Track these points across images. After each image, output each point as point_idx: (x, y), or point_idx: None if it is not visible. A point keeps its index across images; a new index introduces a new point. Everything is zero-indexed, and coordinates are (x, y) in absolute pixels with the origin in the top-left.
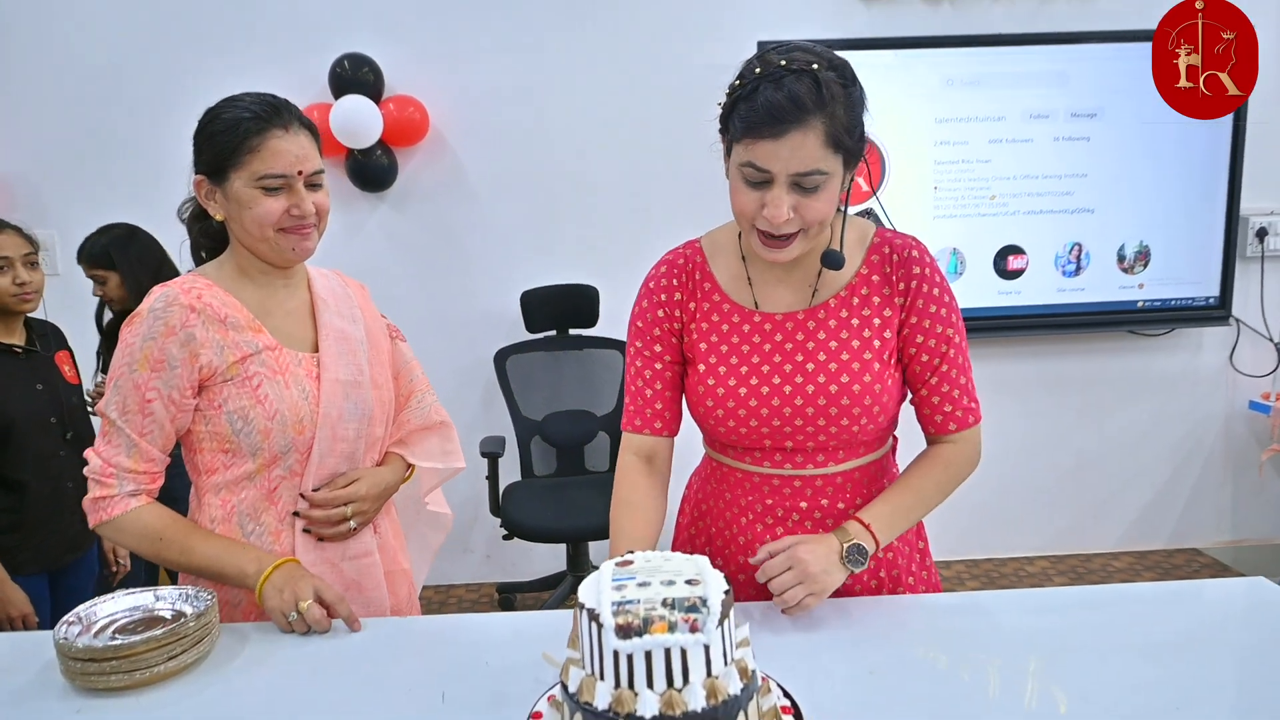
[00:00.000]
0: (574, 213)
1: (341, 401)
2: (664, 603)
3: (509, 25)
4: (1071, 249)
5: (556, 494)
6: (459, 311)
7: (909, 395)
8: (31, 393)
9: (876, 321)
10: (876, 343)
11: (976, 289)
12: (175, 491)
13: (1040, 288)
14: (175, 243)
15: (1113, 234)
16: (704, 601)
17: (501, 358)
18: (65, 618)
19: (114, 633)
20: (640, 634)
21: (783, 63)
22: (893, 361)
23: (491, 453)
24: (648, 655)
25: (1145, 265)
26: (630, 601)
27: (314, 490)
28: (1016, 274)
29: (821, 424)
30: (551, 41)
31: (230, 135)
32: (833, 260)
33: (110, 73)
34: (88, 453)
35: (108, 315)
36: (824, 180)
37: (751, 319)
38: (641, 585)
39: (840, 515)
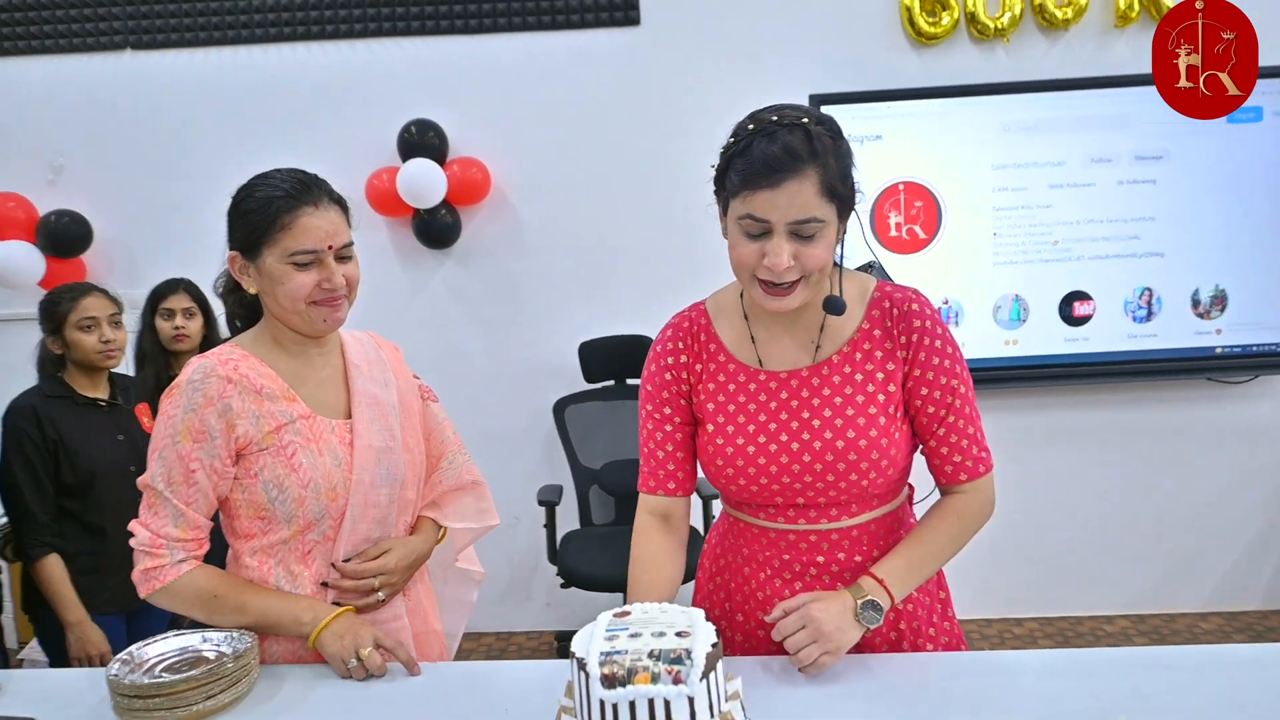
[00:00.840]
0: (629, 266)
1: (374, 467)
2: (650, 654)
3: (565, 89)
4: (1141, 294)
5: (613, 542)
6: (519, 362)
7: (919, 446)
8: (114, 443)
9: (880, 375)
10: (881, 396)
11: (1042, 336)
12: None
13: (1109, 334)
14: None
15: (1185, 278)
16: (689, 654)
17: (560, 407)
18: (119, 655)
19: (161, 671)
20: (624, 684)
21: (774, 118)
22: (899, 414)
23: (549, 501)
24: (632, 705)
25: (1222, 310)
26: (618, 652)
27: (345, 560)
28: (1083, 320)
29: (831, 479)
30: (607, 102)
31: (263, 213)
32: (834, 306)
33: (195, 142)
34: (133, 525)
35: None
36: (820, 228)
37: (756, 378)
38: (633, 636)
39: (858, 568)
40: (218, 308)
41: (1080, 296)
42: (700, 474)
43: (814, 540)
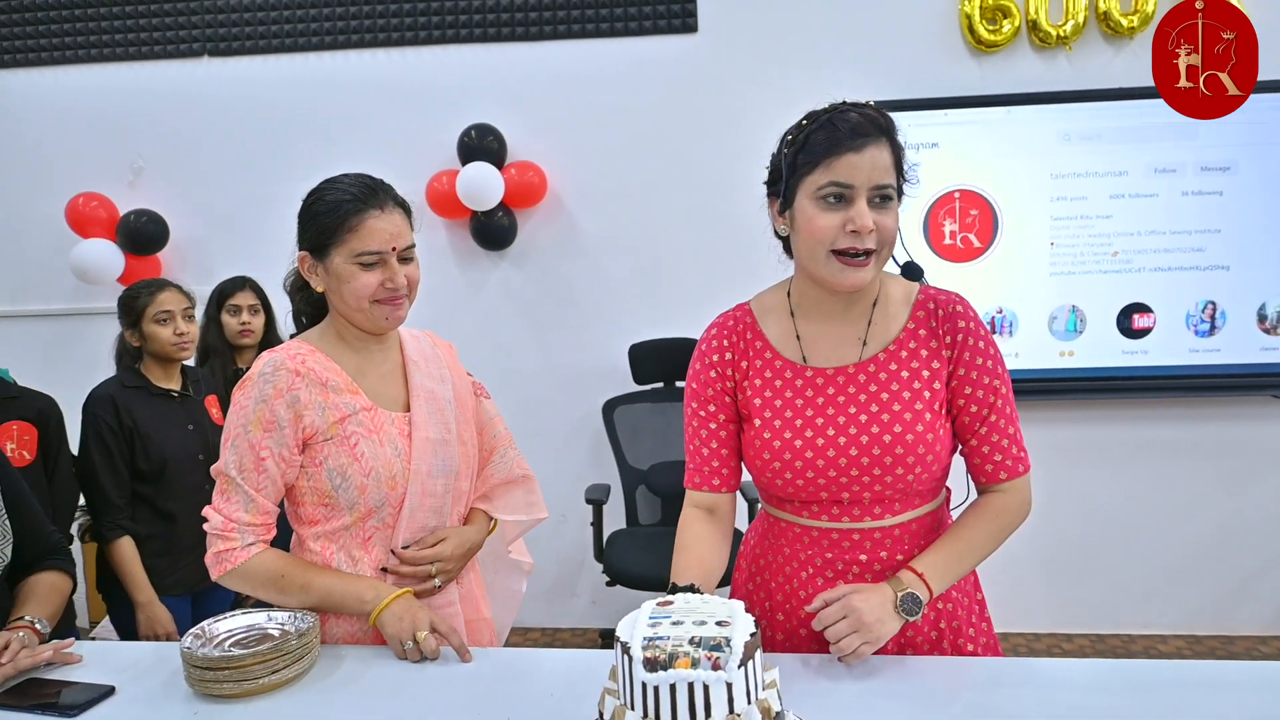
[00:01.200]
0: (680, 269)
1: (431, 458)
2: (691, 640)
3: (622, 95)
4: (1205, 307)
5: (658, 542)
6: (571, 363)
7: (959, 447)
8: (185, 432)
9: (925, 373)
10: (926, 394)
11: (1098, 348)
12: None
13: (1170, 347)
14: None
15: (1252, 292)
16: (728, 641)
17: (610, 408)
18: (192, 630)
19: (230, 646)
20: (665, 668)
21: (844, 100)
22: (943, 412)
23: (596, 500)
24: (672, 688)
25: None
26: (661, 638)
27: (404, 547)
28: (1143, 333)
29: (877, 474)
30: (663, 108)
31: (332, 216)
32: (912, 271)
33: (266, 145)
34: (207, 510)
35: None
36: (893, 198)
37: (803, 374)
38: (675, 624)
39: (898, 567)
40: (280, 305)
41: (1140, 309)
42: (745, 476)
43: (857, 539)
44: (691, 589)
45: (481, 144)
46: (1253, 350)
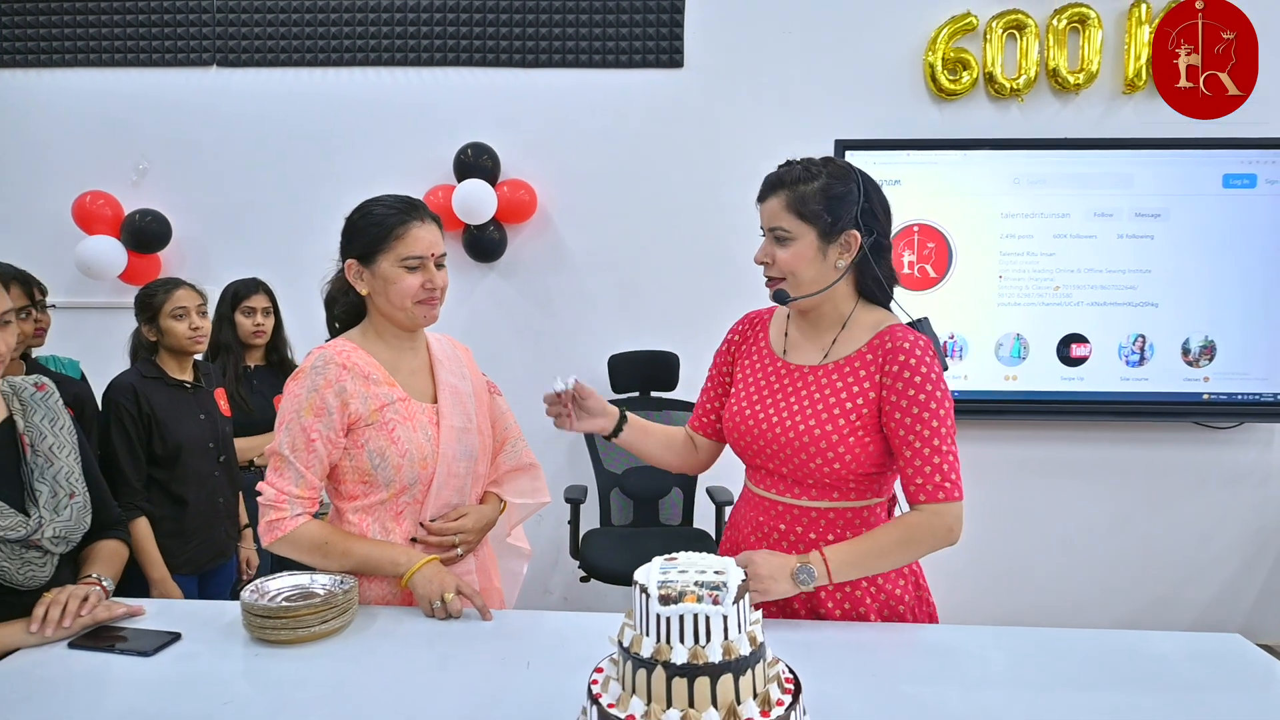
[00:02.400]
0: (660, 286)
1: (456, 444)
2: (695, 583)
3: (611, 122)
4: (1135, 340)
5: (631, 542)
6: (553, 370)
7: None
8: (197, 422)
9: (855, 389)
10: (849, 405)
11: (1040, 374)
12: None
13: (1104, 375)
14: (297, 295)
15: (1177, 328)
16: (725, 584)
17: None
18: (248, 586)
19: (282, 600)
20: (676, 602)
21: (794, 161)
22: (862, 426)
23: (574, 499)
24: (680, 619)
25: (1211, 359)
26: (671, 580)
27: (431, 520)
28: (1080, 361)
29: (803, 459)
30: (647, 135)
31: (381, 226)
32: (780, 297)
33: (268, 154)
34: (261, 485)
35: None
36: (788, 236)
37: (778, 365)
38: (681, 571)
39: (814, 547)
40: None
41: (1078, 339)
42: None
43: (796, 513)
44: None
45: (477, 161)
46: (1177, 380)
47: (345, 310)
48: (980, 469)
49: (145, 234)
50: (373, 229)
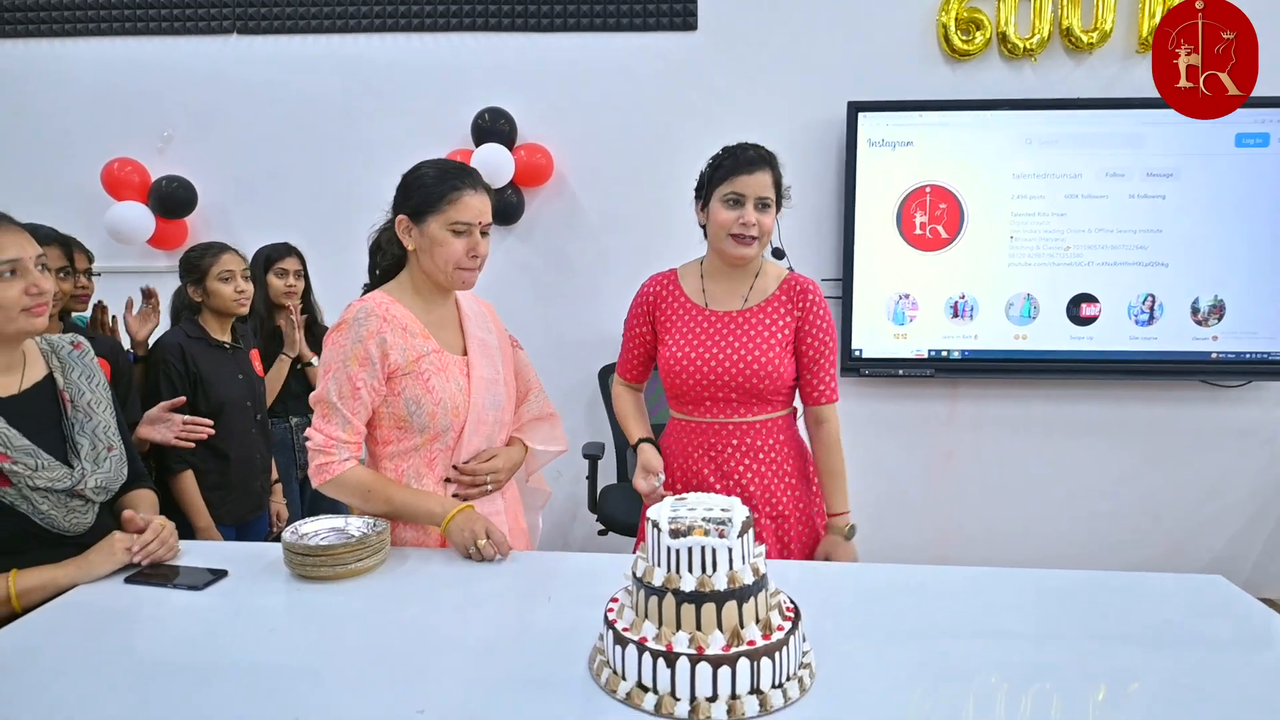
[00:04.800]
0: (673, 249)
1: (485, 394)
2: (704, 519)
3: (626, 85)
4: (1145, 299)
5: None
6: (570, 331)
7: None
8: (236, 381)
9: (779, 323)
10: (777, 335)
11: (1049, 333)
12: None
13: (1113, 335)
14: (318, 259)
15: (1187, 287)
16: (730, 520)
17: (605, 374)
18: (287, 528)
19: (320, 541)
20: (685, 535)
21: (748, 143)
22: (786, 350)
23: (592, 455)
24: (689, 551)
25: (1220, 318)
26: (681, 517)
27: (465, 463)
28: (1089, 321)
29: (740, 380)
30: (662, 99)
31: (436, 188)
32: (778, 253)
33: (289, 119)
34: (309, 431)
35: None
36: (770, 205)
37: (704, 313)
38: (690, 509)
39: (757, 450)
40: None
41: (1088, 299)
42: None
43: (730, 429)
44: (649, 441)
45: (494, 126)
46: (1185, 340)
47: (388, 261)
48: (989, 427)
49: (172, 200)
50: (427, 189)
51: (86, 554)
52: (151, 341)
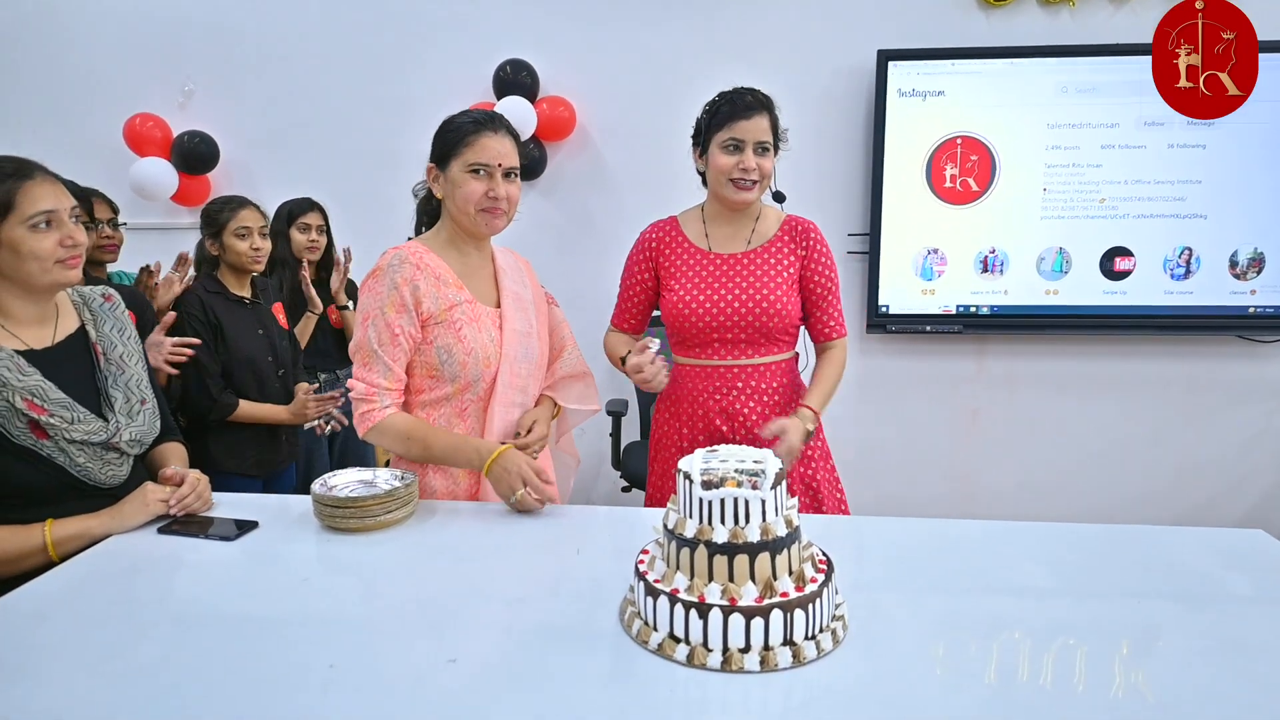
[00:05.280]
0: (697, 202)
1: (518, 346)
2: (736, 470)
3: (650, 36)
4: (1181, 253)
5: None
6: (593, 287)
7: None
8: (256, 336)
9: (784, 263)
10: (783, 275)
11: (1082, 288)
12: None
13: (1147, 289)
14: (340, 212)
15: (1226, 240)
16: (763, 471)
17: None
18: (317, 480)
19: (349, 493)
20: (717, 487)
21: (744, 87)
22: (793, 290)
23: (616, 412)
24: (722, 502)
25: (1259, 272)
26: (713, 468)
27: (516, 436)
28: (1123, 275)
29: (750, 320)
30: (687, 51)
31: (456, 133)
32: (779, 196)
33: (311, 73)
34: (351, 381)
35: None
36: (769, 149)
37: (708, 256)
38: (722, 461)
39: (763, 392)
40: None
41: (1122, 252)
42: None
43: (736, 371)
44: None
45: (516, 78)
46: (1223, 294)
47: (429, 212)
48: (1018, 384)
49: (194, 155)
50: (449, 135)
51: (120, 504)
52: None
